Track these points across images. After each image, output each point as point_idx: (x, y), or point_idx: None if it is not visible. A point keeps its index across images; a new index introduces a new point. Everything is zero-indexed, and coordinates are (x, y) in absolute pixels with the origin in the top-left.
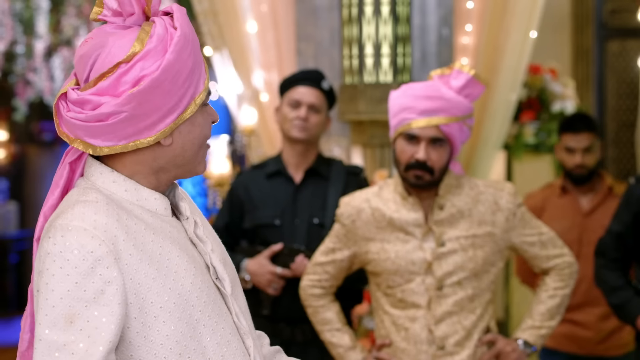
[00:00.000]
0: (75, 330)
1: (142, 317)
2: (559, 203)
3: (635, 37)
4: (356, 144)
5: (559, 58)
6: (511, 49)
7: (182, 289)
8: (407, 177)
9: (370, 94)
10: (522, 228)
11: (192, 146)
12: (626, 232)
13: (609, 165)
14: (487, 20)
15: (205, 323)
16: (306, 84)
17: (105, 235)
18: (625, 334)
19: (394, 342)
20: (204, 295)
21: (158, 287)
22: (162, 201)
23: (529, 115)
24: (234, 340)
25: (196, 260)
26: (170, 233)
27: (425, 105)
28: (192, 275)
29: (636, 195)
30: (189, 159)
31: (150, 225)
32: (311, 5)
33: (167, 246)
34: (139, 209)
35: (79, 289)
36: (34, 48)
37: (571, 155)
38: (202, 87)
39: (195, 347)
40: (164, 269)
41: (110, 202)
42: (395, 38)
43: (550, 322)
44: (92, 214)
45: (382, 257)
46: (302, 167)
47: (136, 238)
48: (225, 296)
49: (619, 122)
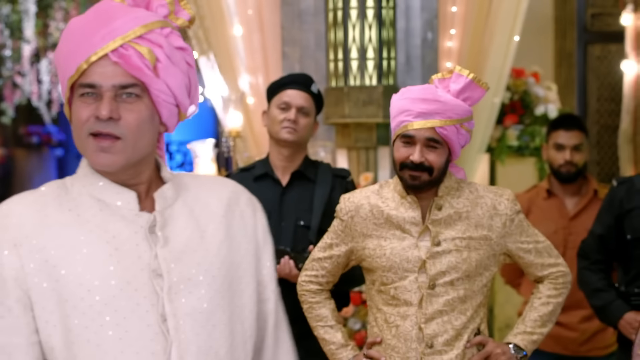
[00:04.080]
0: None
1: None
2: (545, 205)
3: (617, 41)
4: (341, 147)
5: (541, 62)
6: (495, 52)
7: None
8: (403, 177)
9: (355, 97)
10: (518, 235)
11: (75, 131)
12: (608, 235)
13: (591, 168)
14: (471, 24)
15: (97, 319)
16: (295, 87)
17: (9, 222)
18: (609, 335)
19: (384, 340)
20: (112, 290)
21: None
22: (115, 195)
23: (512, 119)
24: (142, 339)
25: (127, 256)
26: (101, 227)
27: (421, 107)
28: (95, 271)
29: (618, 197)
30: (80, 147)
31: (80, 218)
32: (297, 9)
33: (75, 243)
34: (90, 200)
35: None
36: (21, 51)
37: (561, 152)
38: (72, 72)
39: (82, 340)
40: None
41: (49, 194)
42: (380, 42)
43: (542, 329)
44: (14, 204)
45: (377, 254)
46: (289, 169)
47: (44, 232)
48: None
49: (601, 125)
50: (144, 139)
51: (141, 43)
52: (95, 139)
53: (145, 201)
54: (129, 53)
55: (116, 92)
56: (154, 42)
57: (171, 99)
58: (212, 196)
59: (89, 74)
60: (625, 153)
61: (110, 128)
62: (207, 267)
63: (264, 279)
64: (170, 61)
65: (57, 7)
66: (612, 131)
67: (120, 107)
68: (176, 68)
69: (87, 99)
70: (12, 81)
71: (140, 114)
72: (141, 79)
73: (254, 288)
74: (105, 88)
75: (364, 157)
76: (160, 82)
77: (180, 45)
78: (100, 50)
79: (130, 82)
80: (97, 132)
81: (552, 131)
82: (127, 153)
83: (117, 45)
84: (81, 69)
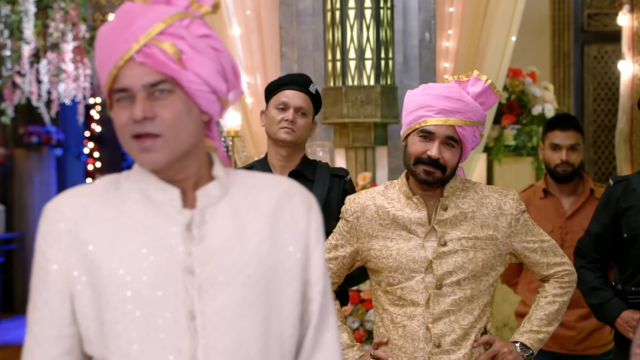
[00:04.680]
0: (29, 301)
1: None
2: (541, 205)
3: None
4: (339, 146)
5: (538, 62)
6: (492, 52)
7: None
8: (416, 171)
9: (353, 97)
10: (524, 234)
11: (119, 135)
12: (605, 233)
13: (588, 168)
14: (468, 25)
15: (127, 312)
16: (294, 88)
17: (56, 216)
18: (606, 333)
19: (391, 340)
20: (143, 286)
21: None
22: (160, 191)
23: (509, 119)
24: (170, 336)
25: (161, 253)
26: (141, 223)
27: (444, 105)
28: (129, 266)
29: (615, 196)
30: (126, 150)
31: (122, 214)
32: (295, 9)
33: (113, 238)
34: (137, 196)
35: (34, 265)
36: (21, 52)
37: (557, 152)
38: (106, 79)
39: (113, 335)
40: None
41: (99, 188)
42: (378, 42)
43: (548, 328)
44: (64, 197)
45: (384, 255)
46: (288, 169)
47: (86, 227)
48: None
49: (598, 125)
50: (184, 132)
51: (162, 39)
52: (137, 141)
53: (191, 198)
54: (152, 51)
55: (148, 91)
56: (175, 35)
57: (204, 87)
58: (262, 195)
59: (119, 79)
60: (622, 152)
61: (147, 128)
62: (241, 267)
63: (311, 278)
64: (195, 50)
65: (57, 8)
66: (608, 131)
67: (154, 105)
68: (203, 56)
69: (123, 103)
70: (12, 81)
71: (175, 108)
72: (169, 73)
73: (296, 288)
74: (136, 89)
75: (362, 156)
76: (188, 73)
77: (204, 33)
78: (125, 54)
79: (159, 79)
80: (137, 133)
81: (548, 131)
82: (170, 148)
83: (140, 45)
84: (112, 75)
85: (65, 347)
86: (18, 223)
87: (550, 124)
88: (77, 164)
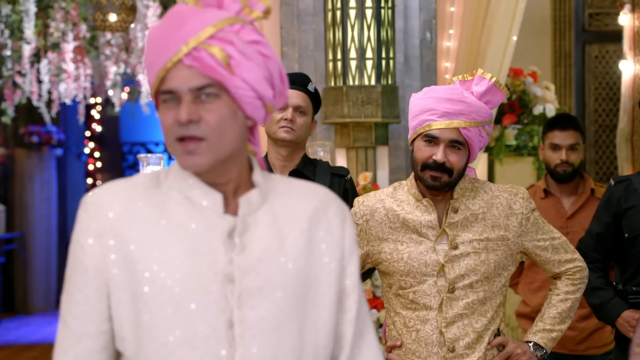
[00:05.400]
0: (65, 294)
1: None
2: (542, 205)
3: (614, 41)
4: (340, 146)
5: (539, 61)
6: (493, 52)
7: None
8: (423, 177)
9: (354, 97)
10: (535, 233)
11: (165, 136)
12: (606, 233)
13: (589, 168)
14: (469, 24)
15: (164, 317)
16: (292, 87)
17: (97, 211)
18: (607, 333)
19: (404, 344)
20: (184, 291)
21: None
22: (202, 194)
23: (510, 118)
24: (208, 343)
25: (203, 259)
26: (183, 226)
27: (446, 107)
28: (170, 270)
29: (616, 196)
30: (171, 151)
31: (164, 215)
32: (296, 9)
33: (155, 239)
34: (178, 197)
35: (71, 256)
36: (22, 52)
37: (556, 152)
38: (153, 80)
39: (149, 337)
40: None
41: (141, 185)
42: (379, 42)
43: (561, 326)
44: (105, 191)
45: (395, 258)
46: (288, 168)
47: (128, 226)
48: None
49: (599, 124)
50: (228, 137)
51: (212, 43)
52: (181, 143)
53: (232, 203)
54: (201, 55)
55: (194, 95)
56: (225, 40)
57: (251, 92)
58: (299, 205)
59: (167, 81)
60: (623, 152)
61: (192, 131)
62: (281, 277)
63: (346, 288)
64: (244, 56)
65: (57, 7)
66: (610, 130)
67: (200, 108)
68: (251, 62)
69: (169, 105)
70: (13, 81)
71: (221, 112)
72: (216, 78)
73: (332, 299)
74: (183, 92)
75: (363, 156)
76: (236, 78)
77: (254, 39)
78: (174, 56)
79: (206, 83)
80: (181, 136)
81: (548, 131)
82: (213, 152)
83: (190, 49)
84: (160, 76)
85: (102, 342)
86: (19, 223)
87: (550, 124)
88: (78, 164)
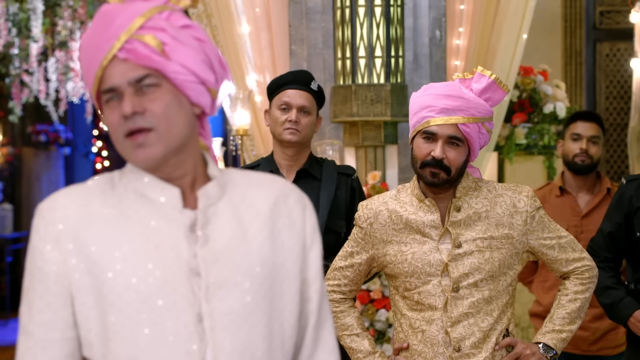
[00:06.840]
0: (24, 304)
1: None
2: (557, 203)
3: (625, 39)
4: (349, 145)
5: (550, 60)
6: (503, 50)
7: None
8: (423, 174)
9: (363, 96)
10: (540, 231)
11: (113, 138)
12: (617, 232)
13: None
14: (479, 22)
15: (132, 314)
16: (295, 87)
17: (53, 216)
18: (620, 334)
19: (411, 345)
20: (149, 288)
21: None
22: (159, 191)
23: (520, 117)
24: (178, 339)
25: (166, 254)
26: (143, 223)
27: (444, 103)
28: (134, 268)
29: (627, 195)
30: (121, 152)
31: (123, 214)
32: (304, 7)
33: (115, 239)
34: (134, 196)
35: (29, 265)
36: (29, 50)
37: (577, 142)
38: (92, 82)
39: (118, 338)
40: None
41: (95, 188)
42: (388, 40)
43: (570, 326)
44: (60, 196)
45: (399, 259)
46: (295, 168)
47: (86, 228)
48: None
49: (610, 123)
50: (176, 124)
51: (144, 33)
52: (130, 138)
53: (190, 198)
54: (134, 46)
55: (135, 87)
56: (156, 27)
57: (191, 77)
58: (259, 195)
59: (105, 79)
60: (634, 151)
61: (139, 122)
62: (247, 268)
63: (308, 278)
64: (178, 41)
65: (65, 6)
66: (621, 129)
67: (143, 99)
68: (186, 47)
69: (112, 104)
70: (20, 80)
71: (164, 100)
72: (153, 66)
73: (296, 288)
74: (123, 87)
75: (372, 155)
76: (173, 64)
77: (185, 24)
78: (109, 53)
79: (145, 74)
80: (129, 130)
81: (570, 123)
82: (164, 142)
83: (122, 42)
84: (98, 76)
85: (68, 350)
86: (26, 222)
87: (573, 117)
88: (86, 163)
